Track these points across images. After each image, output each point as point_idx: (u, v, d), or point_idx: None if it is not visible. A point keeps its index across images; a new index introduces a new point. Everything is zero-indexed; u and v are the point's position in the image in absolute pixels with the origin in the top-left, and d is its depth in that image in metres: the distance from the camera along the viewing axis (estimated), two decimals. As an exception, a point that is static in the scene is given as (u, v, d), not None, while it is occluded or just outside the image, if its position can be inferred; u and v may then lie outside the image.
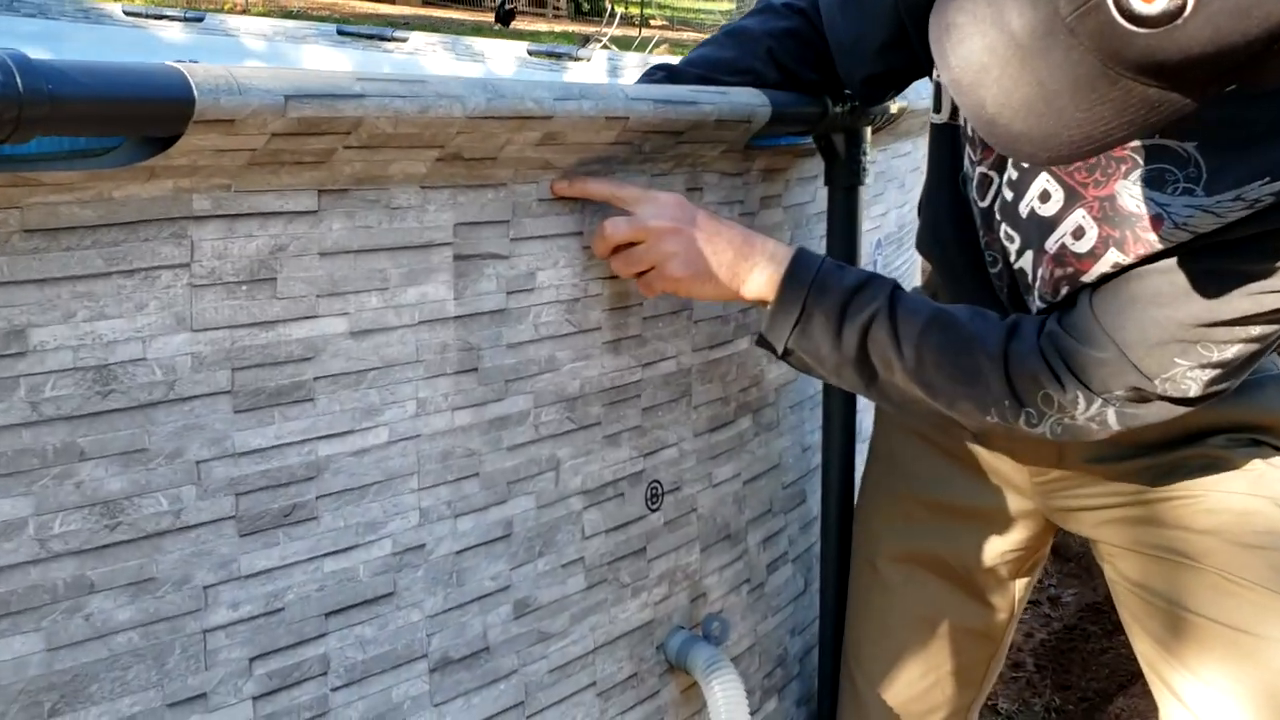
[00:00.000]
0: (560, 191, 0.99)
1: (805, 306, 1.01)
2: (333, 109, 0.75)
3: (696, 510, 1.25)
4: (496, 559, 1.02)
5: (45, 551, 0.74)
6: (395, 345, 0.90)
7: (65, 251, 0.71)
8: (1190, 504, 1.06)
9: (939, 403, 1.00)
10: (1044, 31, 0.67)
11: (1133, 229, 0.89)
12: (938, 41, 0.72)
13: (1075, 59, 0.66)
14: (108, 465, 0.76)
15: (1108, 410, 0.94)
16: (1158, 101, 0.67)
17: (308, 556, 0.87)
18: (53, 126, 0.62)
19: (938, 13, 0.73)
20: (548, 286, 1.01)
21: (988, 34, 0.69)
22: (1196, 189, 0.84)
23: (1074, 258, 0.94)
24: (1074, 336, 0.94)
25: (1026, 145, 0.71)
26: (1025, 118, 0.69)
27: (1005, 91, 0.69)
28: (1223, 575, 1.04)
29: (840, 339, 1.01)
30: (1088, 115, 0.68)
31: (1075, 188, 0.93)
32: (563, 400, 1.05)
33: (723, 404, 1.28)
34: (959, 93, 0.72)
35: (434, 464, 0.95)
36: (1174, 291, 0.88)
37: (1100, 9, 0.64)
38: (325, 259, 0.84)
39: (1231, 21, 0.60)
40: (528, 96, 0.87)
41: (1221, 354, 0.88)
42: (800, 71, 1.17)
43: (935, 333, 0.98)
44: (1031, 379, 0.95)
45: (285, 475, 0.85)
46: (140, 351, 0.76)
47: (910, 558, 1.28)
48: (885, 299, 1.00)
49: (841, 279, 1.01)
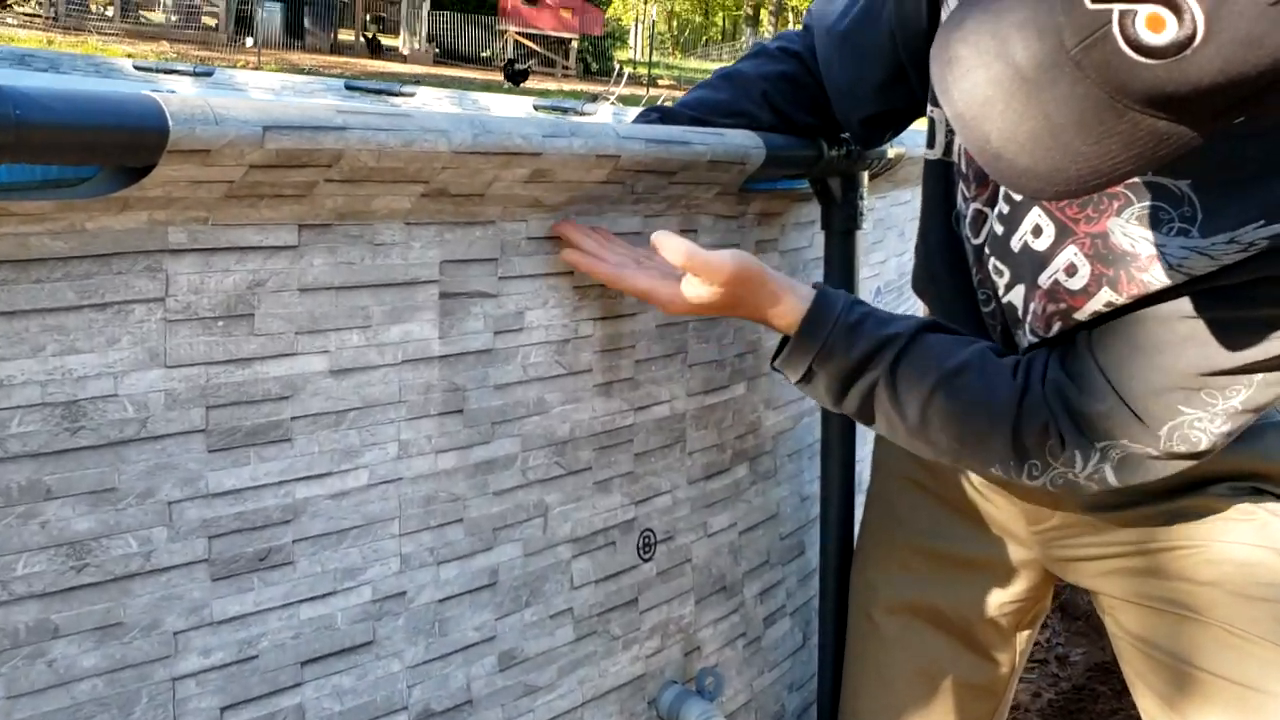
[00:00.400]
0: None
1: (811, 369, 1.02)
2: (313, 141, 0.73)
3: (691, 560, 1.22)
4: (481, 608, 0.99)
5: (7, 594, 0.71)
6: (377, 385, 0.88)
7: (35, 284, 0.70)
8: (1192, 554, 1.03)
9: (944, 457, 1.00)
10: (1049, 64, 0.65)
11: (1127, 268, 0.87)
12: (940, 76, 0.71)
13: (1082, 92, 0.65)
14: (75, 505, 0.73)
15: (1105, 467, 0.92)
16: (1166, 134, 0.65)
17: (283, 602, 0.85)
18: (20, 154, 0.61)
19: (939, 46, 0.72)
20: (537, 326, 1.00)
21: (991, 67, 0.68)
22: (1192, 230, 0.82)
23: (1067, 294, 0.92)
24: (1077, 386, 0.92)
25: (1032, 180, 0.69)
26: (1031, 152, 0.68)
27: (1010, 125, 0.68)
28: (1226, 629, 1.01)
29: (843, 402, 1.03)
30: (1095, 149, 0.66)
31: (1066, 223, 0.91)
32: (552, 444, 1.03)
33: (718, 451, 1.25)
34: (963, 127, 0.70)
35: (416, 508, 0.92)
36: (1175, 339, 0.86)
37: (1107, 40, 0.62)
38: (305, 295, 0.82)
39: (1242, 52, 0.58)
40: (516, 133, 0.86)
41: (1228, 401, 0.86)
42: (795, 114, 1.16)
43: (942, 398, 0.97)
44: (1038, 436, 0.94)
45: (260, 518, 0.83)
46: (111, 387, 0.74)
47: (907, 609, 1.24)
48: (888, 367, 0.99)
49: (850, 347, 1.00)
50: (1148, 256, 0.85)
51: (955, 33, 0.70)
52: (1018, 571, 1.20)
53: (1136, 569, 1.08)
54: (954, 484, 1.20)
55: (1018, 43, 0.66)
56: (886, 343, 1.00)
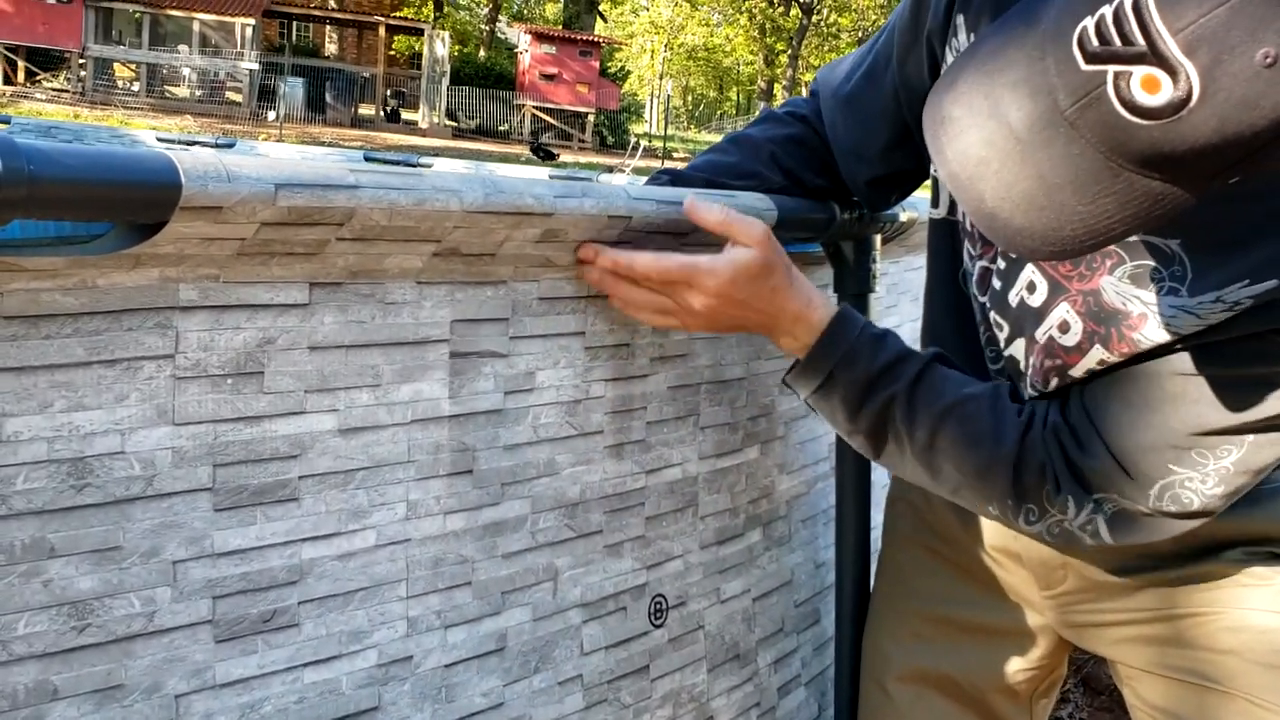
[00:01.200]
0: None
1: (831, 374, 1.00)
2: (324, 199, 0.74)
3: (703, 627, 1.20)
4: (489, 674, 0.97)
5: (7, 654, 0.70)
6: (386, 444, 0.87)
7: (45, 339, 0.70)
8: (1210, 621, 1.01)
9: (944, 488, 0.99)
10: (1044, 124, 0.65)
11: (1118, 326, 0.87)
12: (934, 136, 0.71)
13: (1076, 152, 0.65)
14: (78, 563, 0.73)
15: (1098, 519, 0.91)
16: (1162, 194, 0.65)
17: (287, 666, 0.83)
18: (32, 209, 0.61)
19: (932, 106, 0.72)
20: (548, 387, 0.99)
21: (985, 127, 0.68)
22: (1181, 289, 0.82)
23: (1061, 350, 0.92)
24: (1074, 435, 0.92)
25: (1028, 240, 0.69)
26: (1026, 212, 0.68)
27: (1005, 185, 0.68)
28: (1251, 700, 0.98)
29: (858, 416, 1.00)
30: (1090, 209, 0.66)
31: (1059, 280, 0.91)
32: (562, 506, 1.02)
33: (731, 515, 1.23)
34: (957, 187, 0.70)
35: (424, 570, 0.91)
36: (1165, 397, 0.86)
37: (1102, 101, 0.62)
38: (315, 353, 0.82)
39: (1238, 113, 0.58)
40: (527, 193, 0.86)
41: (1219, 461, 0.85)
42: (804, 176, 1.16)
43: (952, 423, 0.96)
44: (1037, 477, 0.93)
45: (266, 578, 0.82)
46: (119, 444, 0.74)
47: (920, 678, 1.21)
48: (908, 382, 0.98)
49: (874, 356, 0.99)
50: (1138, 315, 0.85)
51: (948, 93, 0.71)
52: (1032, 638, 1.17)
53: (1153, 636, 1.05)
54: (966, 549, 1.18)
55: (1011, 103, 0.67)
56: (909, 358, 1.00)
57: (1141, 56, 0.60)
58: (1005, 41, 0.68)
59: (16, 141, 0.60)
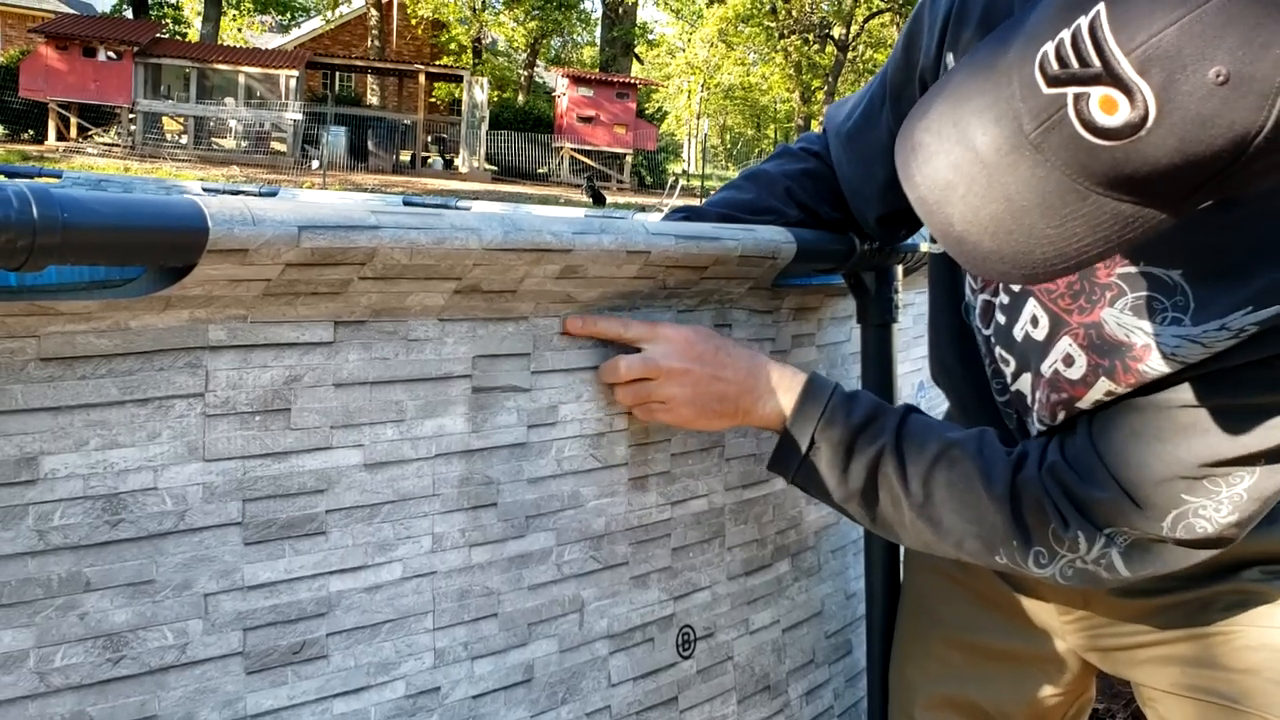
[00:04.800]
0: (574, 330, 1.00)
1: (814, 439, 1.01)
2: (347, 240, 0.76)
3: (732, 658, 1.20)
4: (516, 705, 0.98)
5: (45, 685, 0.72)
6: (411, 478, 0.89)
7: (80, 380, 0.73)
8: (1228, 640, 1.00)
9: (947, 542, 0.98)
10: (1009, 148, 0.66)
11: (1122, 358, 0.87)
12: (904, 163, 0.72)
13: (1042, 175, 0.66)
14: (113, 596, 0.75)
15: (1112, 551, 0.91)
16: (1131, 217, 0.65)
17: (316, 697, 0.85)
18: (67, 255, 0.64)
19: (904, 135, 0.73)
20: (570, 420, 1.01)
21: (952, 152, 0.69)
22: (1184, 319, 0.82)
23: (1067, 384, 0.92)
24: (1076, 470, 0.91)
25: (998, 263, 0.69)
26: (994, 235, 0.68)
27: (972, 209, 0.68)
28: (1266, 718, 0.97)
29: (847, 474, 1.00)
30: (1059, 232, 0.67)
31: (1060, 314, 0.91)
32: (587, 538, 1.03)
33: (759, 546, 1.24)
34: (926, 212, 0.71)
35: (450, 602, 0.93)
36: (1175, 428, 0.85)
37: (1064, 124, 0.63)
38: (340, 390, 0.84)
39: (1195, 130, 0.59)
40: (546, 230, 0.89)
41: (1232, 489, 0.84)
42: (820, 210, 1.18)
43: (943, 469, 0.96)
44: (1037, 516, 0.92)
45: (295, 611, 0.83)
46: (151, 481, 0.76)
47: (947, 705, 1.21)
48: (893, 433, 0.99)
49: (850, 412, 1.01)
50: (1142, 346, 0.85)
51: (919, 121, 0.72)
52: (1055, 663, 1.16)
53: (1172, 657, 1.04)
54: (984, 576, 1.18)
55: (977, 128, 0.68)
56: (886, 411, 1.01)
57: (1098, 78, 0.61)
58: (974, 70, 0.70)
59: (51, 191, 0.63)
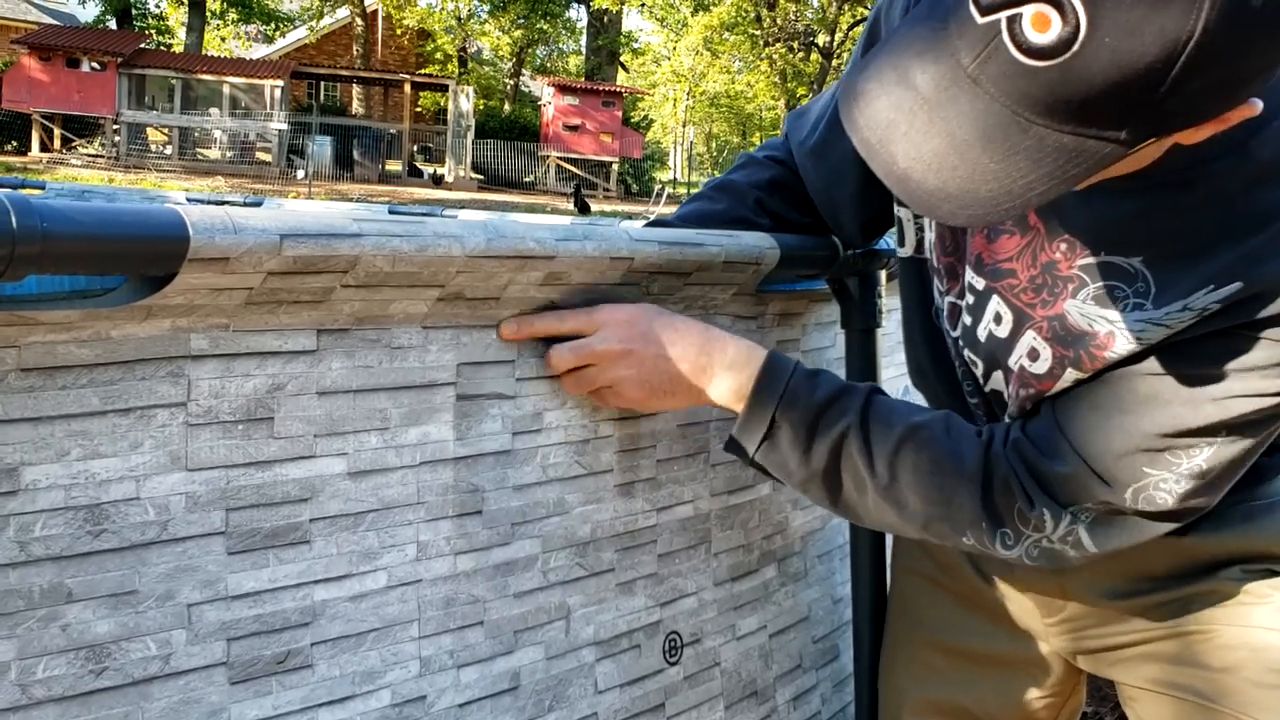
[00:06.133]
0: (509, 335, 0.96)
1: (774, 419, 0.99)
2: (329, 248, 0.76)
3: (719, 664, 1.20)
4: (503, 713, 0.97)
5: (27, 698, 0.72)
6: (395, 486, 0.89)
7: (61, 390, 0.72)
8: (1207, 639, 1.00)
9: (912, 524, 0.97)
10: (948, 83, 0.67)
11: (1086, 348, 0.88)
12: (847, 111, 0.73)
13: (982, 107, 0.66)
14: (96, 607, 0.75)
15: (1078, 528, 0.91)
16: (1075, 150, 0.65)
17: (301, 707, 0.84)
18: (46, 264, 0.64)
19: (846, 86, 0.74)
20: (556, 427, 1.01)
21: (893, 93, 0.70)
22: (1146, 303, 0.83)
23: (1034, 379, 0.93)
24: (1039, 446, 0.92)
25: (944, 203, 0.69)
26: (938, 172, 0.68)
27: (915, 145, 0.69)
28: (1243, 717, 0.97)
29: (809, 455, 0.98)
30: (1002, 167, 0.67)
31: (1023, 309, 0.92)
32: (573, 545, 1.03)
33: (745, 551, 1.24)
34: (869, 153, 0.71)
35: (436, 611, 0.92)
36: (1136, 400, 0.86)
37: (1000, 51, 0.64)
38: (324, 398, 0.84)
39: (1126, 41, 0.60)
40: (529, 237, 0.89)
41: (1191, 461, 0.85)
42: (790, 217, 1.18)
43: (910, 450, 0.95)
44: (1005, 496, 0.93)
45: (279, 620, 0.83)
46: (134, 491, 0.76)
47: (934, 709, 1.21)
48: (857, 413, 0.97)
49: (813, 390, 0.98)
50: (1106, 334, 0.86)
51: (860, 73, 0.73)
52: (1040, 666, 1.17)
53: (1152, 655, 1.05)
54: (966, 579, 1.18)
55: (917, 69, 0.68)
56: (850, 391, 0.99)
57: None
58: (914, 22, 0.71)
59: (31, 200, 0.62)
